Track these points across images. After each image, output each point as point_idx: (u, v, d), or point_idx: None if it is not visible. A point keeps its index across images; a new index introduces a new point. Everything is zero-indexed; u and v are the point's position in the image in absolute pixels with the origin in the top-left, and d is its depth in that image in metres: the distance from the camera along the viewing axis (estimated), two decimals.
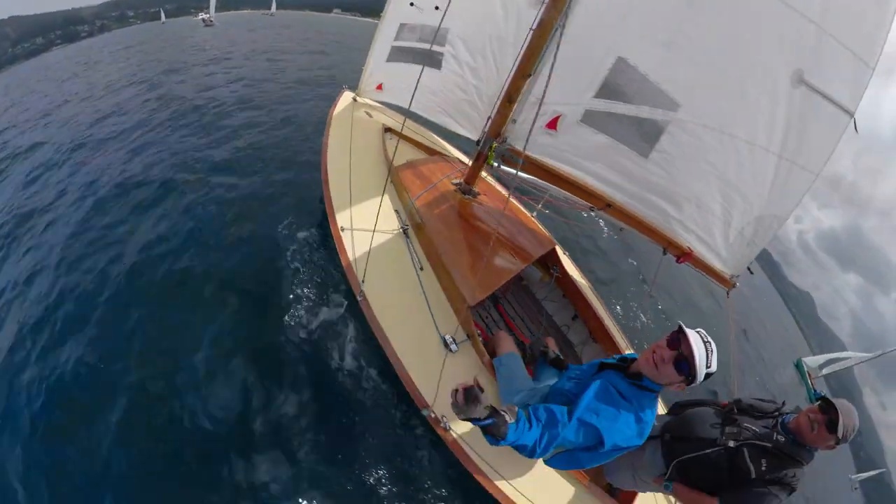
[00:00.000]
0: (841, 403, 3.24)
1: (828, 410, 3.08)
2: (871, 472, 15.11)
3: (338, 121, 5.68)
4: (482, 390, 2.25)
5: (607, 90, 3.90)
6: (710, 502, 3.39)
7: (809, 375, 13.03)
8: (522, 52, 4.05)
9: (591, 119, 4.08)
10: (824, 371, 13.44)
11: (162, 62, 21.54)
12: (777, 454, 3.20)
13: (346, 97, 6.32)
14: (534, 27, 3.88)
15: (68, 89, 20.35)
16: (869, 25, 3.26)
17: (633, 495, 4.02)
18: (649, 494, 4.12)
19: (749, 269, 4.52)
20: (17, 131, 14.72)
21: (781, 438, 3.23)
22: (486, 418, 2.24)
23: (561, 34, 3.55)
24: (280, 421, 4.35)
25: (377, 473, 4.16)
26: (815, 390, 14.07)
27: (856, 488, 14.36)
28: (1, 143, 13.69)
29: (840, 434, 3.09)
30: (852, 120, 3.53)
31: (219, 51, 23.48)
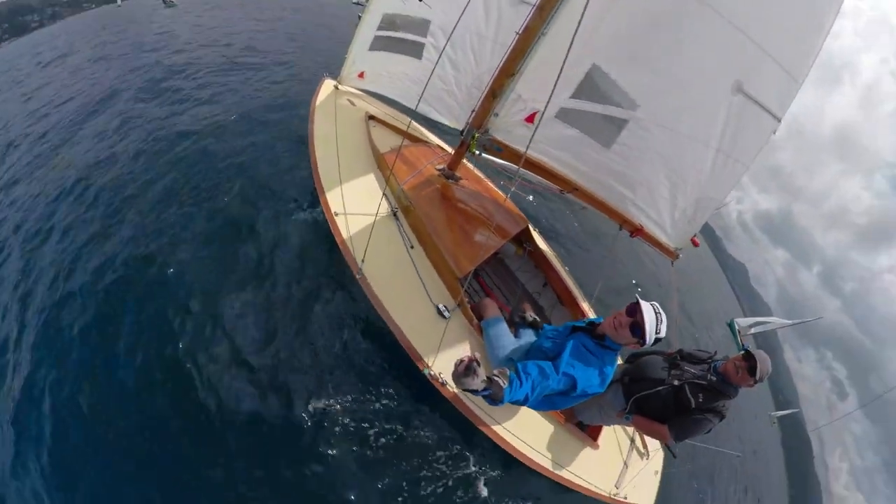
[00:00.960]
0: (759, 354, 4.08)
1: (749, 359, 3.91)
2: (787, 411, 19.51)
3: (321, 109, 5.85)
4: (479, 365, 2.59)
5: (581, 91, 4.35)
6: (661, 428, 4.24)
7: (739, 333, 15.34)
8: (508, 53, 4.32)
9: (564, 115, 4.55)
10: (752, 331, 17.09)
11: (126, 54, 17.84)
12: (711, 390, 4.03)
13: (328, 85, 6.41)
14: (520, 31, 4.14)
15: (29, 89, 16.98)
16: (803, 47, 3.85)
17: (599, 429, 4.93)
18: (612, 427, 5.05)
19: (696, 241, 5.14)
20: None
21: (714, 378, 4.07)
22: (483, 390, 2.63)
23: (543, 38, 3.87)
24: (290, 376, 4.73)
25: (386, 426, 4.59)
26: (743, 345, 16.23)
27: (774, 423, 17.87)
28: None
29: (757, 376, 4.02)
30: (779, 124, 4.17)
31: (183, 36, 20.08)
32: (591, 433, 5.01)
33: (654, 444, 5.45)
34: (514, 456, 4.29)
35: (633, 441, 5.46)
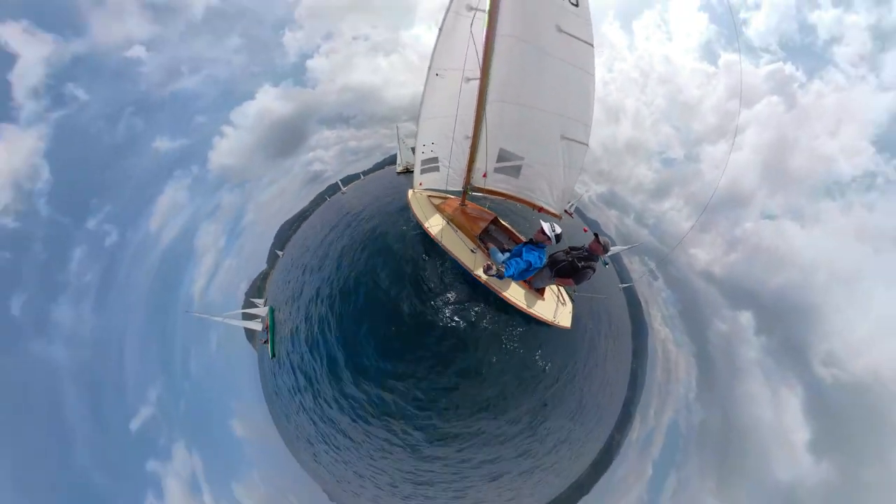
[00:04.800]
0: (604, 238, 6.18)
1: (598, 238, 6.06)
2: (618, 249, 22.03)
3: (413, 199, 9.27)
4: (492, 266, 5.87)
5: (500, 159, 7.31)
6: (569, 280, 6.47)
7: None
8: (469, 153, 7.41)
9: (497, 170, 7.44)
10: (609, 253, 20.14)
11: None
12: (585, 258, 6.30)
13: (411, 192, 9.61)
14: (470, 137, 7.09)
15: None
16: (585, 116, 6.43)
17: (544, 290, 7.79)
18: (549, 288, 8.07)
19: (567, 211, 9.51)
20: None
21: (585, 254, 6.34)
22: (495, 273, 5.95)
23: (487, 138, 6.99)
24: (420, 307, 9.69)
25: (466, 300, 9.69)
26: (604, 259, 20.74)
27: (607, 264, 20.94)
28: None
29: (603, 245, 6.20)
30: (587, 148, 6.67)
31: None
32: (540, 292, 7.74)
33: (568, 301, 8.54)
34: (510, 304, 7.42)
35: (558, 295, 8.15)
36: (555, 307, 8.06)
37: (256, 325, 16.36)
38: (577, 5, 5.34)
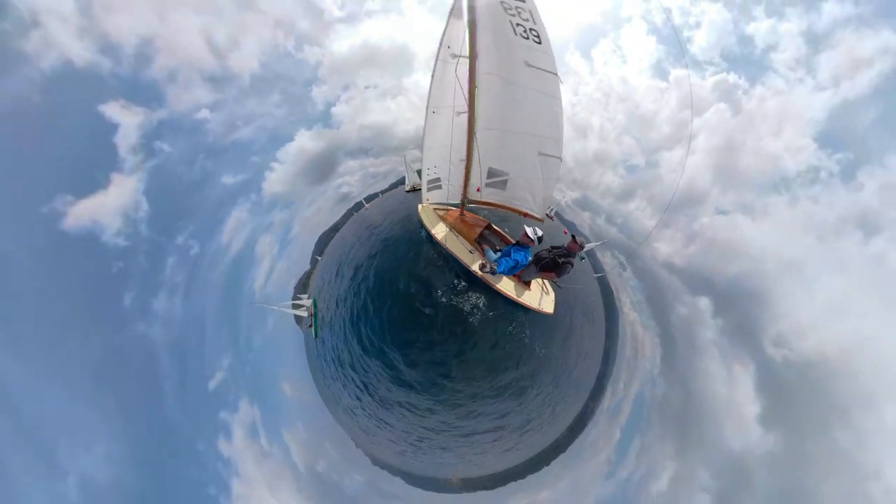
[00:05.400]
0: (580, 237, 6.25)
1: (575, 239, 6.16)
2: (592, 245, 20.70)
3: (422, 212, 9.23)
4: (486, 264, 6.04)
5: (489, 175, 7.22)
6: (551, 273, 6.54)
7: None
8: (464, 172, 7.32)
9: (488, 184, 7.32)
10: (586, 248, 17.21)
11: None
12: (565, 255, 6.30)
13: (420, 206, 9.50)
14: (464, 160, 7.09)
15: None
16: (556, 134, 6.47)
17: (531, 282, 7.63)
18: (535, 281, 7.88)
19: (548, 215, 9.49)
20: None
21: (565, 252, 6.32)
22: (489, 271, 6.02)
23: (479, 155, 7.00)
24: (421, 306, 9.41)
25: (463, 293, 9.44)
26: (580, 255, 22.56)
27: (583, 258, 18.50)
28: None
29: (579, 244, 6.30)
30: (561, 161, 6.60)
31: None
32: (527, 284, 7.63)
33: (551, 291, 8.39)
34: (503, 295, 7.26)
35: (543, 286, 7.99)
36: (539, 296, 8.26)
37: (303, 313, 17.49)
38: (539, 42, 5.64)
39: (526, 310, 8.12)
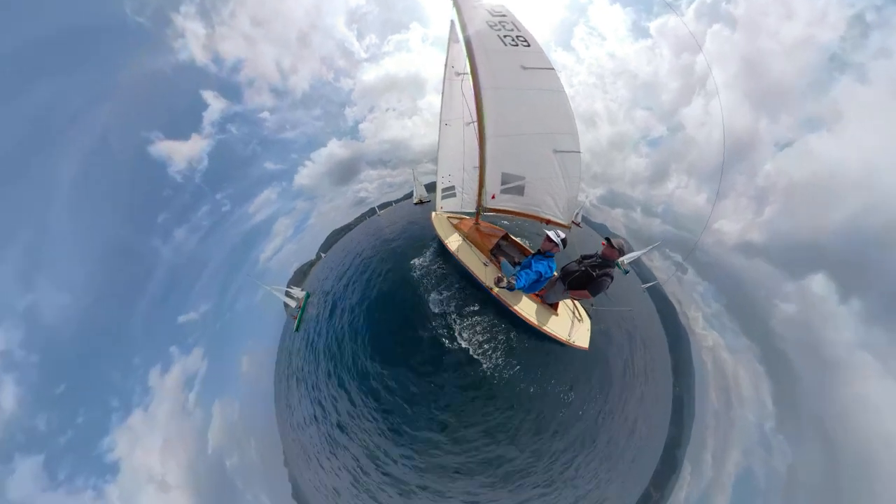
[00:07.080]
0: (616, 239, 5.13)
1: (610, 242, 5.07)
2: (634, 255, 18.35)
3: (435, 220, 9.04)
4: (503, 278, 4.97)
5: (504, 181, 6.76)
6: (584, 292, 5.31)
7: (623, 262, 18.34)
8: (479, 179, 7.08)
9: (504, 191, 6.93)
10: (627, 259, 18.40)
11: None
12: (600, 266, 5.21)
13: (434, 214, 9.45)
14: (477, 167, 6.92)
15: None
16: (569, 127, 6.09)
17: (557, 304, 6.52)
18: (563, 302, 6.86)
19: (575, 221, 7.55)
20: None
21: (599, 261, 5.25)
22: (506, 286, 4.98)
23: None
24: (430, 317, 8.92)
25: (473, 310, 8.64)
26: (624, 268, 18.27)
27: (626, 272, 17.18)
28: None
29: (617, 248, 5.05)
30: (580, 154, 6.17)
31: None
32: (553, 307, 6.55)
33: (585, 317, 7.00)
34: (522, 319, 6.17)
35: (574, 310, 6.73)
36: (570, 324, 6.58)
37: (292, 302, 17.30)
38: (529, 46, 6.13)
39: (552, 341, 6.57)
